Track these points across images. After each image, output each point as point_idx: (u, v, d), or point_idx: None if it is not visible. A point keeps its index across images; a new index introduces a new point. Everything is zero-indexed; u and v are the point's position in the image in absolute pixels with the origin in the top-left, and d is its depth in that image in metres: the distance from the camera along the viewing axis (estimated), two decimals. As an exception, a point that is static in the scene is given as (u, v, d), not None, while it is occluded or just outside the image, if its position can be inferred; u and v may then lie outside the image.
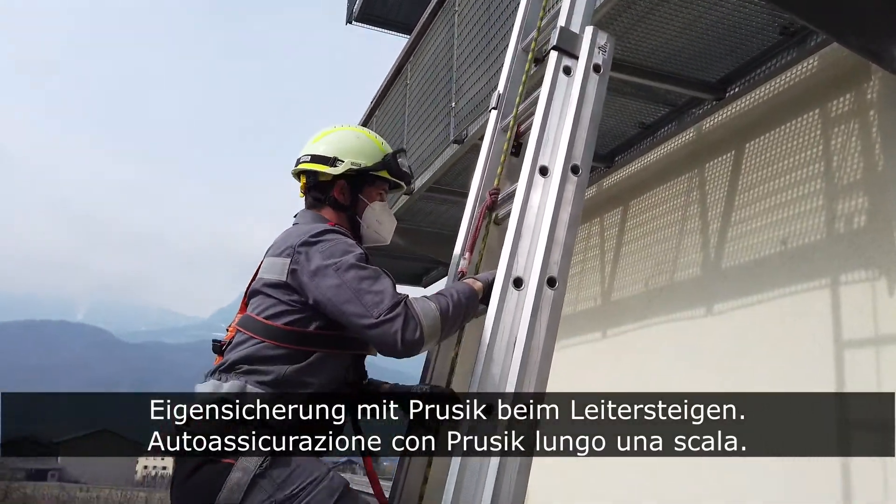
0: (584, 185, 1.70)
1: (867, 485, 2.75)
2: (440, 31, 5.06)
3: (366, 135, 1.98)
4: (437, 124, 4.96)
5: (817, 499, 2.93)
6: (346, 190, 1.92)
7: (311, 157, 1.94)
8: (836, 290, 2.97)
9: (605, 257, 4.84)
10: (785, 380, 3.14)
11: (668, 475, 3.84)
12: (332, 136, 1.96)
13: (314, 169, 1.92)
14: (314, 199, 1.95)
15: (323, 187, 1.93)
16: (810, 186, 3.21)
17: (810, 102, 3.30)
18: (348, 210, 1.92)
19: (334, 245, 1.70)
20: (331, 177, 1.91)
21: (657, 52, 3.49)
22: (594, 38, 1.84)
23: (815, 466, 2.94)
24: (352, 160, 1.91)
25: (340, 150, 1.93)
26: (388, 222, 1.98)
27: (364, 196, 1.93)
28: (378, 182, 1.95)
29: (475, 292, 1.71)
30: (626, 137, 4.53)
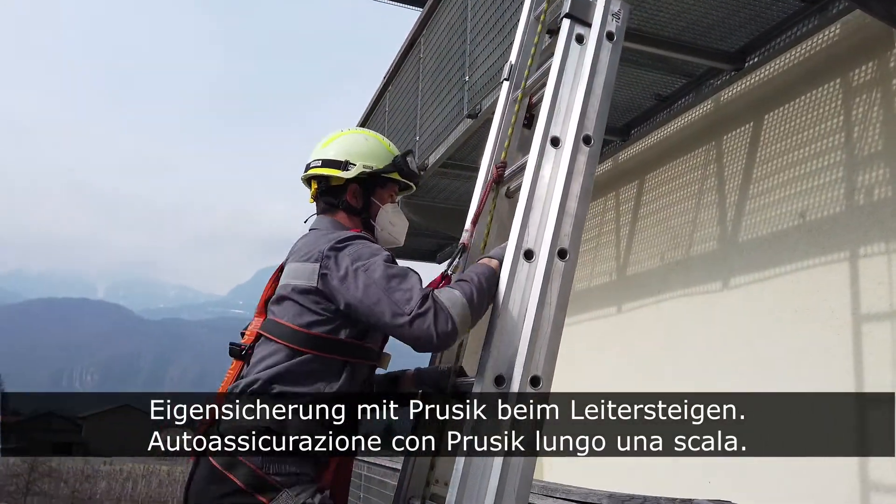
0: (597, 156, 1.67)
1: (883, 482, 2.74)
2: (454, 3, 4.99)
3: (375, 137, 1.98)
4: (450, 98, 4.92)
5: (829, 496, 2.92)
6: (358, 193, 1.91)
7: (321, 162, 1.92)
8: (855, 263, 2.92)
9: (621, 232, 4.80)
10: (802, 353, 3.12)
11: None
12: (342, 140, 1.95)
13: (326, 174, 1.90)
14: (327, 205, 1.93)
15: (335, 192, 1.91)
16: (830, 158, 3.15)
17: (831, 71, 3.22)
18: (362, 213, 1.91)
19: (361, 248, 1.70)
20: (343, 181, 1.89)
21: (674, 21, 3.41)
22: (608, 5, 1.80)
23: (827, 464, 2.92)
24: (363, 163, 1.90)
25: (351, 153, 1.92)
26: (400, 224, 1.97)
27: (376, 199, 1.93)
28: (389, 184, 1.95)
29: (494, 271, 1.69)
30: (643, 110, 4.46)
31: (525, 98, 2.14)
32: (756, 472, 3.30)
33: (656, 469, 3.97)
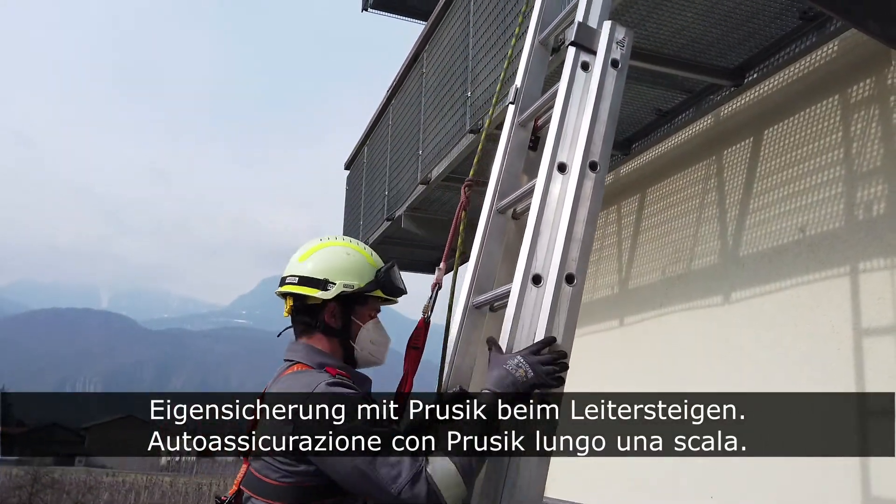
0: (603, 182, 1.72)
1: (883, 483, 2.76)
2: (456, 19, 5.05)
3: (356, 249, 1.85)
4: (452, 113, 4.97)
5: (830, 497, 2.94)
6: (337, 313, 1.80)
7: (298, 279, 1.80)
8: (856, 279, 2.96)
9: (623, 245, 4.84)
10: (804, 369, 3.15)
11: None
12: (321, 255, 1.82)
13: (303, 293, 1.79)
14: (304, 325, 1.82)
15: (312, 311, 1.80)
16: (830, 173, 3.19)
17: (830, 88, 3.27)
18: (341, 335, 1.81)
19: (336, 409, 1.57)
20: (321, 300, 1.78)
21: (674, 38, 3.47)
22: (612, 34, 1.85)
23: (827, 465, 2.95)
24: (344, 281, 1.78)
25: (330, 270, 1.79)
26: (382, 342, 1.86)
27: (357, 318, 1.81)
28: (370, 301, 1.84)
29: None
30: (643, 124, 4.51)
31: (530, 121, 2.20)
32: (757, 491, 3.33)
33: (657, 487, 4.00)
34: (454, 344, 1.93)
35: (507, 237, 2.07)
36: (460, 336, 1.94)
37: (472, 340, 1.96)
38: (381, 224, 6.92)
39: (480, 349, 1.98)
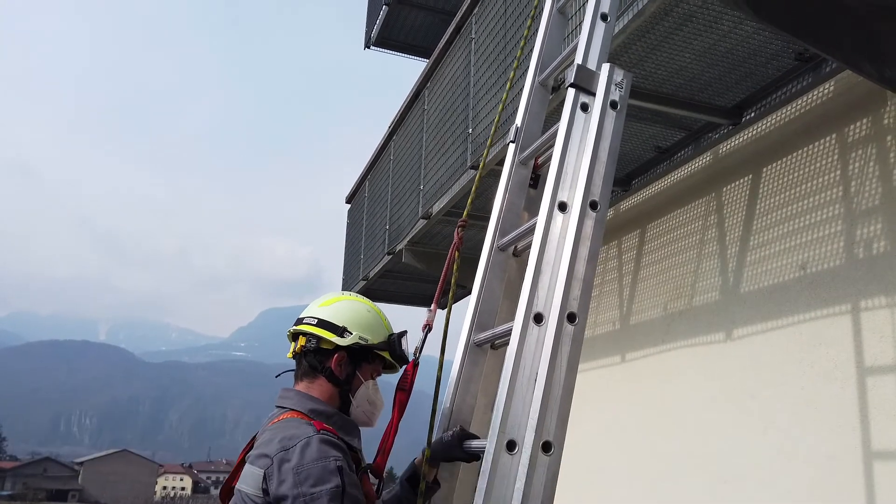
0: (604, 221, 1.73)
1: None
2: (458, 57, 5.13)
3: (375, 311, 1.94)
4: (454, 149, 5.02)
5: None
6: (345, 363, 1.85)
7: (317, 321, 1.86)
8: (857, 316, 2.95)
9: (623, 281, 4.85)
10: (807, 406, 3.12)
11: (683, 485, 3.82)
12: (344, 305, 1.90)
13: (319, 334, 1.84)
14: (309, 366, 1.86)
15: (322, 354, 1.85)
16: (829, 211, 3.21)
17: (827, 127, 3.31)
18: (343, 385, 1.85)
19: (311, 467, 1.60)
20: (333, 346, 1.84)
21: (672, 78, 3.52)
22: (611, 76, 1.88)
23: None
24: (360, 333, 1.85)
25: (350, 320, 1.87)
26: (377, 404, 1.91)
27: (361, 373, 1.87)
28: (377, 361, 1.90)
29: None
30: (643, 161, 4.56)
31: (531, 160, 2.22)
32: None
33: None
34: (455, 382, 1.92)
35: (509, 274, 2.08)
36: (461, 374, 1.93)
37: (472, 378, 1.95)
38: (381, 258, 6.94)
39: (482, 387, 1.98)
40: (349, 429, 1.83)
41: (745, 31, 3.11)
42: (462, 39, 5.07)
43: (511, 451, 1.42)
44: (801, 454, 3.13)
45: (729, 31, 3.12)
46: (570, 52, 2.17)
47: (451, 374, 1.97)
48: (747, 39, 3.18)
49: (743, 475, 3.44)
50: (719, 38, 3.17)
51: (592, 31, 1.99)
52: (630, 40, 3.22)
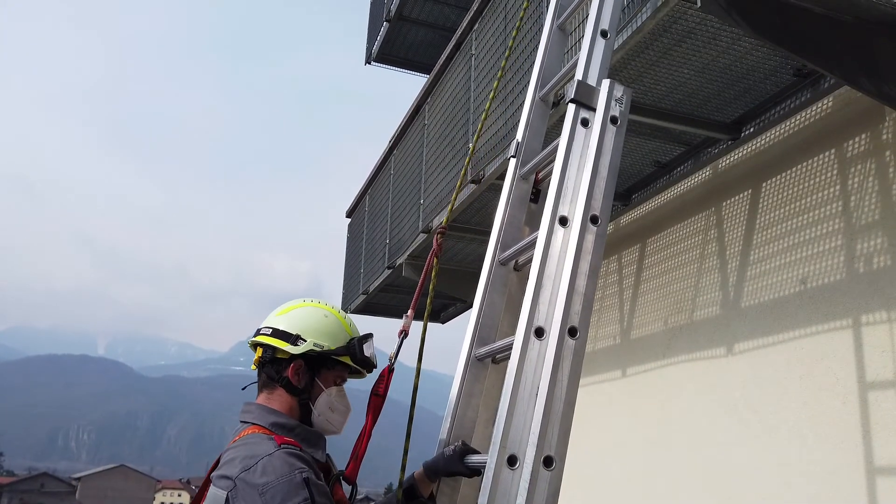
0: (604, 235, 1.73)
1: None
2: (457, 73, 5.17)
3: (335, 315, 1.88)
4: (454, 164, 5.04)
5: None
6: (301, 371, 1.81)
7: (272, 331, 1.83)
8: (858, 331, 2.95)
9: (624, 295, 4.85)
10: (809, 422, 3.11)
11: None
12: (299, 312, 1.86)
13: (273, 344, 1.81)
14: (267, 377, 1.83)
15: (278, 364, 1.81)
16: (829, 226, 3.22)
17: (826, 142, 3.33)
18: (301, 394, 1.81)
19: (276, 485, 1.56)
20: (288, 355, 1.80)
21: (672, 93, 3.54)
22: (611, 91, 1.89)
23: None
24: (315, 340, 1.81)
25: (304, 327, 1.82)
26: (341, 411, 1.85)
27: (320, 380, 1.83)
28: (338, 367, 1.85)
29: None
30: (643, 176, 4.57)
31: (531, 175, 2.23)
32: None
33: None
34: (456, 396, 1.92)
35: (510, 288, 2.08)
36: (462, 388, 1.93)
37: (474, 393, 1.95)
38: (381, 272, 6.94)
39: (483, 402, 1.97)
40: (313, 440, 1.79)
41: (744, 47, 3.13)
42: (462, 55, 5.11)
43: (512, 465, 1.42)
44: (802, 470, 3.11)
45: (728, 48, 3.15)
46: (570, 68, 2.19)
47: (453, 388, 1.97)
48: (746, 56, 3.20)
49: (744, 491, 3.42)
50: (718, 54, 3.20)
51: (592, 47, 2.01)
52: (629, 56, 3.24)
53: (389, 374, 1.95)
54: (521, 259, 2.09)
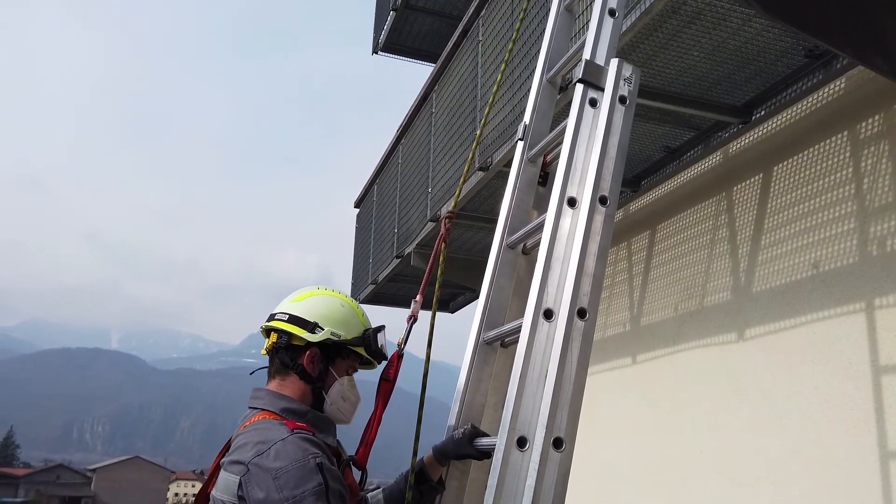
0: (613, 216, 1.71)
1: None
2: (464, 60, 5.14)
3: (350, 305, 1.88)
4: (462, 151, 5.02)
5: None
6: (317, 359, 1.80)
7: (288, 317, 1.81)
8: (872, 315, 2.92)
9: (634, 282, 4.82)
10: (822, 406, 3.09)
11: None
12: (316, 300, 1.85)
13: (290, 330, 1.79)
14: (281, 363, 1.82)
15: (294, 351, 1.80)
16: (841, 209, 3.18)
17: (838, 124, 3.28)
18: (315, 383, 1.80)
19: (290, 469, 1.56)
20: (305, 342, 1.79)
21: (681, 77, 3.50)
22: (619, 71, 1.86)
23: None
24: (332, 329, 1.80)
25: (322, 316, 1.81)
26: (353, 400, 1.85)
27: (334, 369, 1.82)
28: (352, 357, 1.85)
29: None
30: (652, 161, 4.53)
31: (539, 157, 2.21)
32: None
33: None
34: (465, 381, 1.91)
35: (518, 272, 2.06)
36: (471, 373, 1.92)
37: (482, 377, 1.94)
38: (390, 262, 6.94)
39: (492, 386, 1.96)
40: (323, 426, 1.79)
41: (755, 28, 3.09)
42: (469, 42, 5.08)
43: (522, 447, 1.41)
44: (815, 455, 3.09)
45: (738, 29, 3.10)
46: (577, 49, 2.16)
47: (461, 372, 1.96)
48: (756, 37, 3.15)
49: (757, 477, 3.40)
50: (728, 35, 3.15)
51: (600, 26, 1.98)
52: (638, 39, 3.21)
53: (399, 359, 1.94)
54: (530, 242, 2.07)
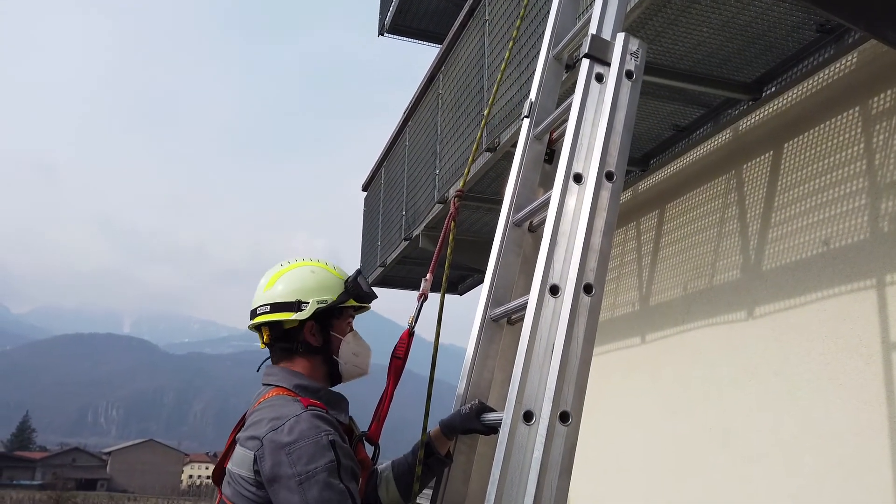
0: (619, 192, 1.70)
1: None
2: (471, 40, 5.10)
3: (320, 267, 1.86)
4: (469, 132, 4.99)
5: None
6: (316, 331, 1.80)
7: (270, 307, 1.79)
8: (882, 291, 2.89)
9: (643, 262, 4.80)
10: (832, 383, 3.08)
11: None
12: (287, 278, 1.83)
13: (278, 319, 1.78)
14: (283, 351, 1.82)
15: (290, 335, 1.80)
16: (852, 185, 3.14)
17: (850, 100, 3.24)
18: (322, 351, 1.81)
19: (303, 445, 1.58)
20: (297, 322, 1.78)
21: (690, 53, 3.46)
22: (626, 45, 1.84)
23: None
24: (316, 298, 1.78)
25: (301, 290, 1.79)
26: (364, 352, 1.86)
27: (336, 332, 1.82)
28: (345, 312, 1.85)
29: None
30: (661, 140, 4.50)
31: (545, 134, 2.19)
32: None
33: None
34: (471, 358, 1.92)
35: (524, 250, 2.06)
36: (478, 350, 1.93)
37: (489, 354, 1.94)
38: (398, 244, 6.94)
39: (499, 363, 1.97)
40: (336, 404, 1.80)
41: (765, 2, 3.04)
42: (476, 21, 5.03)
43: (528, 421, 1.41)
44: (825, 431, 3.08)
45: (748, 3, 3.06)
46: (584, 24, 2.14)
47: (468, 350, 1.96)
48: (767, 11, 3.11)
49: (767, 453, 3.40)
50: (738, 10, 3.11)
51: (606, 0, 1.96)
52: (646, 15, 3.17)
53: (409, 337, 1.94)
54: (536, 220, 2.06)
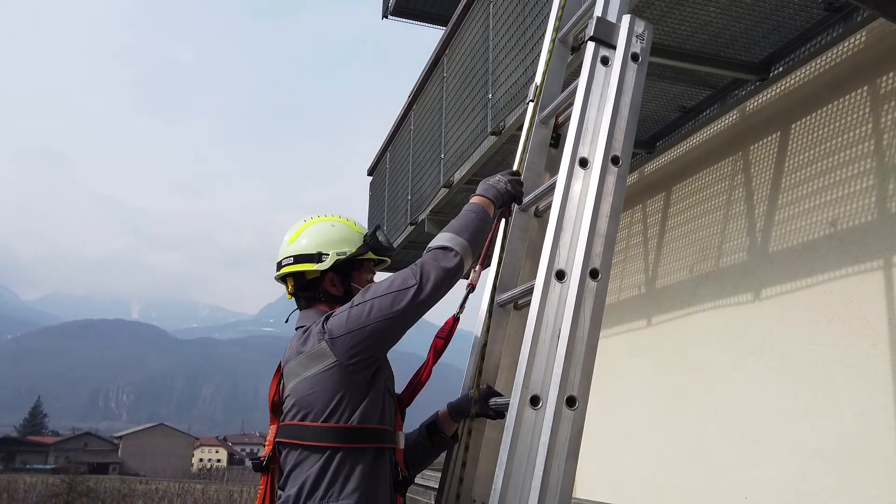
0: (625, 176, 1.69)
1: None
2: (476, 22, 5.05)
3: (340, 222, 1.96)
4: (474, 116, 4.97)
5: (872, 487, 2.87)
6: (337, 281, 1.89)
7: (294, 259, 1.90)
8: (889, 273, 2.88)
9: (649, 244, 4.79)
10: (838, 365, 3.08)
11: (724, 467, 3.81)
12: (309, 232, 1.92)
13: (301, 269, 1.88)
14: (307, 300, 1.91)
15: (313, 285, 1.89)
16: (860, 166, 3.12)
17: (858, 79, 3.21)
18: (343, 301, 1.85)
19: (355, 300, 1.72)
20: (319, 273, 1.88)
21: (697, 34, 3.43)
22: (631, 27, 1.83)
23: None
24: (336, 251, 1.88)
25: (322, 243, 1.89)
26: None
27: (356, 283, 1.91)
28: (365, 265, 1.94)
29: (482, 208, 1.81)
30: (667, 122, 4.47)
31: (551, 118, 2.18)
32: (791, 491, 3.26)
33: (688, 489, 3.94)
34: (479, 343, 1.93)
35: (531, 235, 2.06)
36: (485, 335, 1.93)
37: (496, 339, 1.95)
38: (404, 228, 6.94)
39: (506, 348, 1.98)
40: None
41: (772, -19, 3.01)
42: (480, 3, 4.99)
43: (535, 405, 1.42)
44: (831, 413, 3.09)
45: (755, -18, 3.03)
46: (589, 6, 2.12)
47: (475, 335, 1.97)
48: (774, -10, 3.07)
49: (773, 435, 3.41)
50: (745, -11, 3.08)
51: (612, -18, 1.93)
52: (652, -5, 3.13)
53: (455, 322, 1.97)
54: (542, 205, 2.06)
